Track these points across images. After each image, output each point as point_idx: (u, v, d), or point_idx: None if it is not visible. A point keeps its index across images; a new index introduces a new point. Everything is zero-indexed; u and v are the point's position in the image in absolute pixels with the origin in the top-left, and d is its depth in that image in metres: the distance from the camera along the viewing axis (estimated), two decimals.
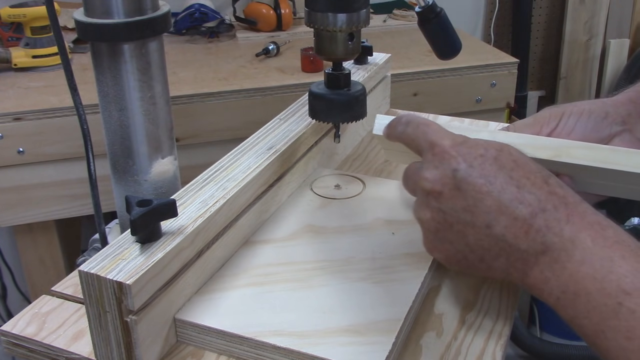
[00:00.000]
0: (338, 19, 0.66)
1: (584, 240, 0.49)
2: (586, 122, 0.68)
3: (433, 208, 0.55)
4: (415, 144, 0.59)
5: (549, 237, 0.50)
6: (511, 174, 0.53)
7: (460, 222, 0.53)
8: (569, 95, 2.38)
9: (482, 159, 0.53)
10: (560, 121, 0.69)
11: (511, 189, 0.52)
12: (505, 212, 0.51)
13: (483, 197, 0.52)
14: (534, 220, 0.51)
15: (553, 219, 0.50)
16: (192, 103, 1.35)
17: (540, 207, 0.51)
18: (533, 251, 0.51)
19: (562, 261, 0.49)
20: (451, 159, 0.54)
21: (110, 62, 0.68)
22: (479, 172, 0.53)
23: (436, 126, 0.58)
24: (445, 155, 0.55)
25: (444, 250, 0.56)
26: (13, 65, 1.47)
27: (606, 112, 0.69)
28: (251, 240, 0.68)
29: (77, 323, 0.62)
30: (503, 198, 0.52)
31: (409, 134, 0.60)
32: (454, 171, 0.53)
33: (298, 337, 0.55)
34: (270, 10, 1.73)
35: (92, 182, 0.72)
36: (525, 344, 1.96)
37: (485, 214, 0.52)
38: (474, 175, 0.53)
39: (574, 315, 0.49)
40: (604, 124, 0.68)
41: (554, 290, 0.50)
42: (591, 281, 0.47)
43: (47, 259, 1.46)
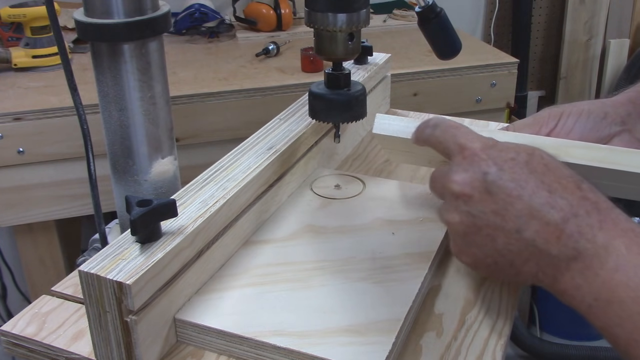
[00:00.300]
0: (338, 19, 0.66)
1: (617, 247, 0.48)
2: (585, 122, 0.68)
3: (462, 211, 0.54)
4: (444, 146, 0.58)
5: (581, 243, 0.49)
6: (543, 178, 0.52)
7: (489, 226, 0.52)
8: (569, 95, 2.38)
9: (513, 163, 0.53)
10: (559, 121, 0.69)
11: (543, 194, 0.51)
12: (536, 216, 0.51)
13: (514, 201, 0.51)
14: (566, 225, 0.50)
15: (586, 224, 0.50)
16: (192, 103, 1.35)
17: (573, 212, 0.50)
18: (564, 257, 0.50)
19: (595, 268, 0.48)
20: (481, 162, 0.54)
21: (110, 62, 0.68)
22: (510, 175, 0.52)
23: (465, 129, 0.58)
24: (476, 158, 0.54)
25: (472, 254, 0.55)
26: (13, 65, 1.47)
27: (605, 113, 0.68)
28: (251, 240, 0.68)
29: (77, 323, 0.62)
30: (534, 202, 0.51)
31: (437, 136, 0.60)
32: (485, 174, 0.53)
33: (298, 337, 0.55)
34: (270, 10, 1.73)
35: (92, 182, 0.72)
36: (525, 344, 1.96)
37: (516, 218, 0.51)
38: (504, 178, 0.52)
39: (606, 324, 0.48)
40: (603, 124, 0.68)
41: (585, 298, 0.49)
42: (625, 289, 0.47)
43: (47, 259, 1.46)
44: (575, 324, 1.99)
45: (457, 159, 0.56)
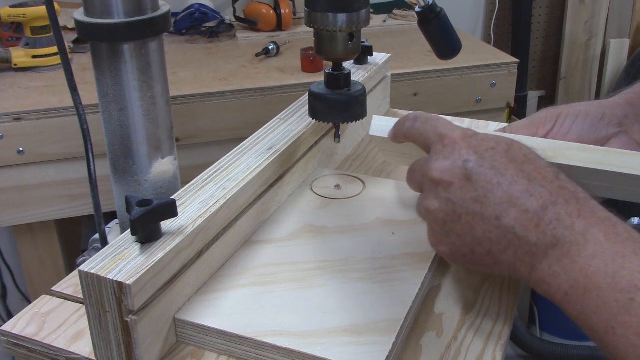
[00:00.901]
0: (338, 19, 0.66)
1: (595, 235, 0.49)
2: (582, 124, 0.68)
3: (442, 198, 0.54)
4: (424, 138, 0.59)
5: (559, 230, 0.50)
6: (522, 167, 0.53)
7: (469, 213, 0.53)
8: (569, 95, 2.38)
9: (493, 152, 0.54)
10: (556, 122, 0.69)
11: (522, 182, 0.52)
12: (515, 204, 0.51)
13: (493, 188, 0.52)
14: (545, 213, 0.50)
15: (564, 212, 0.50)
16: (192, 103, 1.35)
17: (552, 201, 0.51)
18: (543, 244, 0.50)
19: (573, 255, 0.49)
20: (462, 149, 0.54)
21: (110, 62, 0.68)
22: (490, 163, 0.53)
23: (445, 120, 0.58)
24: (456, 146, 0.55)
25: (449, 243, 0.55)
26: (13, 65, 1.47)
27: (603, 114, 0.68)
28: (251, 240, 0.68)
29: (77, 323, 0.62)
30: (514, 190, 0.51)
31: (417, 128, 0.60)
32: (465, 162, 0.53)
33: (298, 337, 0.55)
34: (270, 10, 1.73)
35: (92, 182, 0.72)
36: (525, 344, 1.96)
37: (495, 205, 0.52)
38: (484, 166, 0.53)
39: (581, 311, 0.48)
40: (601, 125, 0.68)
41: (562, 285, 0.49)
42: (602, 276, 0.47)
43: (47, 259, 1.46)
44: (575, 324, 1.99)
45: (437, 147, 0.56)
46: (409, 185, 0.61)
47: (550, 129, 0.69)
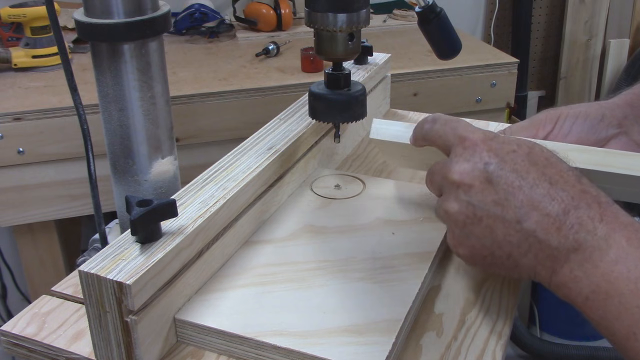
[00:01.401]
0: (338, 19, 0.66)
1: (618, 240, 0.48)
2: (582, 125, 0.68)
3: (462, 201, 0.54)
4: (443, 140, 0.58)
5: (581, 234, 0.49)
6: (544, 170, 0.52)
7: (490, 216, 0.52)
8: (569, 95, 2.38)
9: (514, 155, 0.53)
10: (556, 124, 0.69)
11: (544, 185, 0.51)
12: (537, 207, 0.51)
13: (514, 191, 0.51)
14: (567, 217, 0.50)
15: (587, 216, 0.50)
16: (192, 103, 1.35)
17: (574, 205, 0.50)
18: (564, 248, 0.50)
19: (595, 260, 0.48)
20: (483, 152, 0.54)
21: (110, 62, 0.68)
22: (511, 166, 0.52)
23: (465, 122, 0.58)
24: (477, 148, 0.54)
25: (469, 246, 0.55)
26: (13, 65, 1.47)
27: (602, 115, 0.68)
28: (251, 240, 0.68)
29: (77, 323, 0.62)
30: (535, 193, 0.51)
31: (436, 130, 0.59)
32: (486, 164, 0.53)
33: (298, 337, 0.55)
34: (270, 10, 1.73)
35: (92, 182, 0.72)
36: (525, 344, 1.96)
37: (516, 209, 0.51)
38: (506, 169, 0.52)
39: (603, 317, 0.48)
40: (600, 126, 0.68)
41: (583, 290, 0.49)
42: (625, 282, 0.47)
43: (47, 259, 1.46)
44: (575, 324, 1.99)
45: (457, 149, 0.56)
46: (428, 188, 0.60)
47: (550, 130, 0.69)
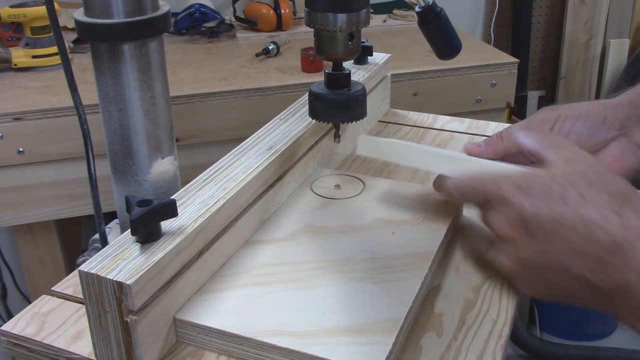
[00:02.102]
0: (338, 19, 0.66)
1: None
2: (582, 127, 0.67)
3: (510, 254, 0.55)
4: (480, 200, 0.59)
5: (629, 275, 0.49)
6: (580, 211, 0.51)
7: (538, 264, 0.53)
8: (569, 95, 2.38)
9: (548, 199, 0.53)
10: (554, 125, 0.67)
11: (580, 228, 0.50)
12: (579, 251, 0.50)
13: (554, 239, 0.51)
14: (611, 257, 0.49)
15: (631, 255, 0.49)
16: (192, 103, 1.35)
17: (616, 244, 0.49)
18: (615, 287, 0.49)
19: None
20: (516, 204, 0.54)
21: (110, 62, 0.68)
22: (546, 213, 0.52)
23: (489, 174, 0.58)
24: (511, 202, 0.54)
25: (530, 287, 0.56)
26: (13, 65, 1.47)
27: (604, 117, 0.67)
28: (251, 240, 0.68)
29: (77, 323, 0.62)
30: (574, 238, 0.50)
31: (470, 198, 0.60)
32: (522, 217, 0.53)
33: (298, 337, 0.55)
34: (270, 10, 1.73)
35: (92, 182, 0.72)
36: (525, 344, 1.96)
37: (560, 255, 0.51)
38: (541, 217, 0.52)
39: None
40: (602, 128, 0.67)
41: None
42: None
43: (47, 259, 1.46)
44: (575, 324, 1.99)
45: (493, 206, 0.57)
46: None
47: (549, 131, 0.68)
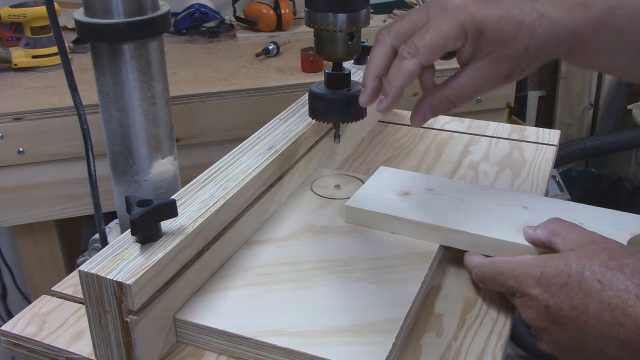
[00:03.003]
0: (338, 19, 0.66)
1: None
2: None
3: (546, 341, 0.56)
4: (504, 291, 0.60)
5: None
6: (600, 297, 0.52)
7: (575, 348, 0.54)
8: (569, 95, 2.38)
9: (567, 289, 0.53)
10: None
11: (605, 315, 0.51)
12: (609, 336, 0.51)
13: (583, 327, 0.52)
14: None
15: None
16: (192, 103, 1.35)
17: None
18: None
19: None
20: (539, 298, 0.55)
21: (110, 62, 0.68)
22: (569, 303, 0.53)
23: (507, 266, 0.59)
24: (532, 297, 0.55)
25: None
26: (13, 65, 1.47)
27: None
28: (251, 240, 0.68)
29: (77, 323, 0.62)
30: (602, 325, 0.52)
31: (493, 288, 0.62)
32: (547, 308, 0.54)
33: (298, 337, 0.55)
34: (270, 10, 1.73)
35: (92, 182, 0.72)
36: (525, 344, 1.96)
37: (594, 341, 0.52)
38: (565, 308, 0.53)
39: None
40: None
41: None
42: None
43: (47, 259, 1.46)
44: None
45: (518, 298, 0.58)
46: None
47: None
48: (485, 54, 0.59)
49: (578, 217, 0.62)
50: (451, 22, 0.58)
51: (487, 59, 0.59)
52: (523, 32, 0.58)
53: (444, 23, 0.58)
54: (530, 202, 0.70)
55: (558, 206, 0.69)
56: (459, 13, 0.58)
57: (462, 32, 0.58)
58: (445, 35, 0.58)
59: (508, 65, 0.60)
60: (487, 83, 0.61)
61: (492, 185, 0.83)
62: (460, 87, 0.61)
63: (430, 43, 0.58)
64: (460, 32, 0.58)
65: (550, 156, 0.90)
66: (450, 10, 0.59)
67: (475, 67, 0.60)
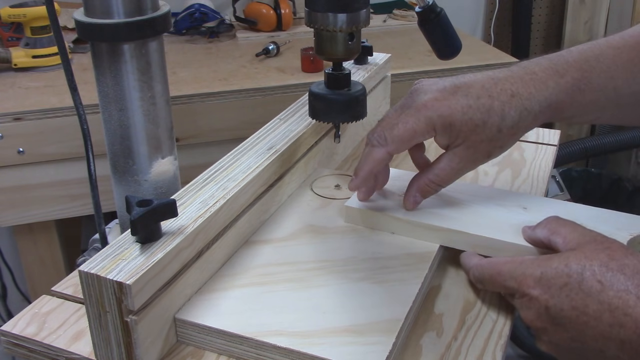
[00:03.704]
0: (338, 19, 0.66)
1: None
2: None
3: (546, 342, 0.56)
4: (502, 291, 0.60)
5: None
6: (600, 297, 0.52)
7: (575, 349, 0.54)
8: None
9: (567, 289, 0.53)
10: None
11: (606, 316, 0.51)
12: (609, 337, 0.51)
13: (583, 328, 0.52)
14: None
15: None
16: (192, 103, 1.35)
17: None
18: None
19: None
20: (539, 298, 0.55)
21: (110, 62, 0.68)
22: (569, 304, 0.53)
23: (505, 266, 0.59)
24: (532, 298, 0.55)
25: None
26: (13, 65, 1.47)
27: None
28: (251, 240, 0.68)
29: (77, 323, 0.62)
30: (602, 326, 0.52)
31: (491, 289, 0.62)
32: (546, 308, 0.54)
33: (298, 337, 0.55)
34: (270, 10, 1.73)
35: (92, 182, 0.72)
36: (525, 344, 1.96)
37: (593, 342, 0.52)
38: (565, 309, 0.53)
39: None
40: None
41: None
42: None
43: (47, 259, 1.46)
44: None
45: (517, 298, 0.58)
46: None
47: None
48: (460, 142, 0.64)
49: (578, 217, 0.62)
50: (418, 119, 0.64)
51: (462, 145, 0.65)
52: (493, 117, 0.63)
53: (411, 119, 0.64)
54: (530, 202, 0.70)
55: (558, 207, 0.69)
56: (426, 110, 0.64)
57: (430, 127, 0.64)
58: (412, 130, 0.64)
59: (485, 147, 0.65)
60: (468, 165, 0.66)
61: (492, 185, 0.83)
62: (442, 171, 0.66)
63: (397, 136, 0.64)
64: (428, 127, 0.63)
65: (550, 156, 0.90)
66: (417, 107, 0.64)
67: (454, 153, 0.65)
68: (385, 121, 0.66)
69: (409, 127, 0.64)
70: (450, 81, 0.66)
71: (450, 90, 0.65)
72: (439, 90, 0.65)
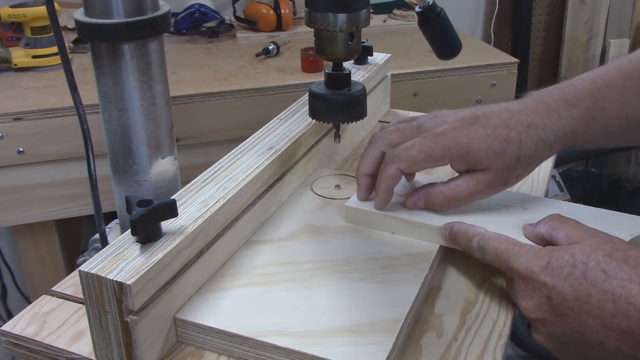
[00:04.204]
0: (338, 19, 0.66)
1: None
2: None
3: (544, 334, 0.56)
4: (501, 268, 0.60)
5: None
6: (604, 287, 0.52)
7: (573, 341, 0.54)
8: None
9: (571, 279, 0.53)
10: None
11: (608, 305, 0.51)
12: (611, 327, 0.51)
13: (584, 318, 0.52)
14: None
15: None
16: (192, 103, 1.35)
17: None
18: None
19: None
20: (542, 286, 0.55)
21: (110, 62, 0.68)
22: (572, 294, 0.53)
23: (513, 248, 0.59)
24: (536, 284, 0.55)
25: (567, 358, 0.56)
26: (13, 65, 1.47)
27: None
28: (251, 240, 0.68)
29: (77, 323, 0.62)
30: (604, 316, 0.51)
31: (490, 260, 0.61)
32: (549, 298, 0.54)
33: (298, 337, 0.55)
34: (270, 10, 1.73)
35: (92, 182, 0.72)
36: (525, 344, 1.96)
37: (593, 333, 0.52)
38: (568, 299, 0.53)
39: None
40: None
41: None
42: None
43: (47, 259, 1.46)
44: None
45: (519, 285, 0.57)
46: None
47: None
48: (480, 168, 0.65)
49: (578, 217, 0.62)
50: (435, 145, 0.65)
51: (482, 172, 0.66)
52: (511, 146, 0.64)
53: (429, 145, 0.65)
54: (530, 202, 0.70)
55: (558, 207, 0.69)
56: (445, 138, 0.65)
57: (446, 154, 0.65)
58: (427, 155, 0.65)
59: (503, 175, 0.66)
60: (483, 190, 0.67)
61: None
62: (457, 187, 0.67)
63: (413, 158, 0.65)
64: (444, 154, 0.65)
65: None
66: (437, 134, 0.65)
67: (471, 176, 0.66)
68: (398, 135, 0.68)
69: (425, 150, 0.65)
70: (470, 111, 0.67)
71: (470, 120, 0.66)
72: (458, 120, 0.66)
